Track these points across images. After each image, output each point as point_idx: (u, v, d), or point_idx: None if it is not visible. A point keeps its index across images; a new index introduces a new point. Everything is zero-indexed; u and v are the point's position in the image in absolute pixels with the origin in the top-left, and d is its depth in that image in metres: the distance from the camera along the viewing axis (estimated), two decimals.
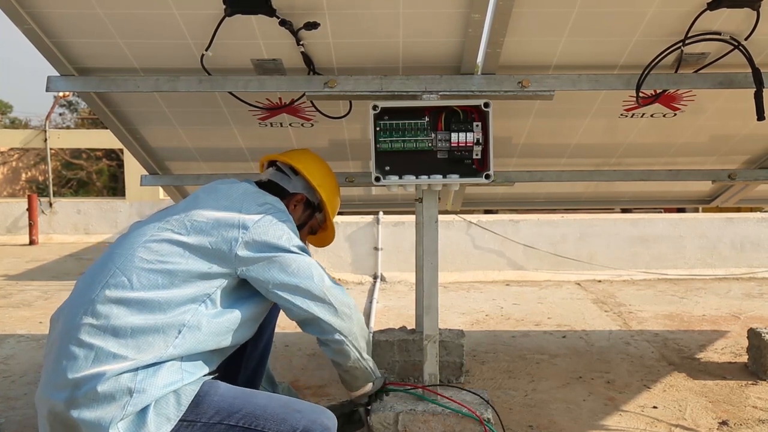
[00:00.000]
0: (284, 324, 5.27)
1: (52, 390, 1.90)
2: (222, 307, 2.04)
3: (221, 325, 2.03)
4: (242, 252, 2.04)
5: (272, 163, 2.54)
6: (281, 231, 2.11)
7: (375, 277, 6.96)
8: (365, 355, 2.30)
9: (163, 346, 1.91)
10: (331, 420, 2.06)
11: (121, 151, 15.53)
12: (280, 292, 2.10)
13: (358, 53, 2.61)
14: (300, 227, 2.41)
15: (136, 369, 1.87)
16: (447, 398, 2.51)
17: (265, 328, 2.53)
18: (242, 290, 2.11)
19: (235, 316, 2.07)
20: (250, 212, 2.10)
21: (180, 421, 1.91)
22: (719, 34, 2.48)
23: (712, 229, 7.22)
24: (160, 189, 11.45)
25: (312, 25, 2.38)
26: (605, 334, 4.65)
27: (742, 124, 3.24)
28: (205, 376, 2.02)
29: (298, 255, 2.12)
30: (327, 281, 2.17)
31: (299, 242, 2.16)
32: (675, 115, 3.12)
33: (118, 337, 1.89)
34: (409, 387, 2.65)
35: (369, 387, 2.39)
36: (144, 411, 1.86)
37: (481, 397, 2.56)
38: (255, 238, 2.06)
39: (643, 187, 3.98)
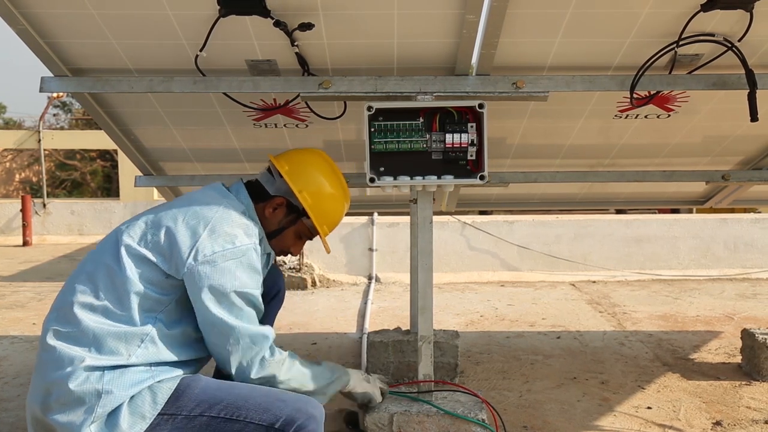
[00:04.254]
0: (278, 325, 5.26)
1: (32, 394, 1.95)
2: (178, 318, 2.03)
3: (179, 338, 2.03)
4: (187, 278, 1.99)
5: None
6: (229, 275, 1.99)
7: (370, 278, 6.96)
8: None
9: (126, 354, 1.93)
10: (318, 409, 2.01)
11: (116, 151, 15.49)
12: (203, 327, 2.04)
13: (353, 54, 2.61)
14: (278, 232, 2.29)
15: (103, 370, 1.88)
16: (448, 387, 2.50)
17: None
18: None
19: (193, 328, 2.05)
20: (210, 239, 2.01)
21: (160, 415, 1.91)
22: (713, 35, 2.49)
23: (705, 230, 7.24)
24: (155, 190, 11.43)
25: (306, 26, 2.38)
26: (599, 335, 4.66)
27: (736, 125, 3.25)
28: (183, 374, 2.03)
29: (225, 318, 1.99)
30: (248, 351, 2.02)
31: (248, 289, 2.03)
32: (669, 116, 3.13)
33: (82, 342, 1.91)
34: (403, 388, 2.65)
35: (330, 390, 2.27)
36: (116, 411, 1.87)
37: (477, 397, 2.57)
38: (200, 270, 1.98)
39: (638, 187, 3.99)
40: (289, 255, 2.43)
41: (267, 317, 2.50)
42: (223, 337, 2.00)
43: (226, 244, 2.01)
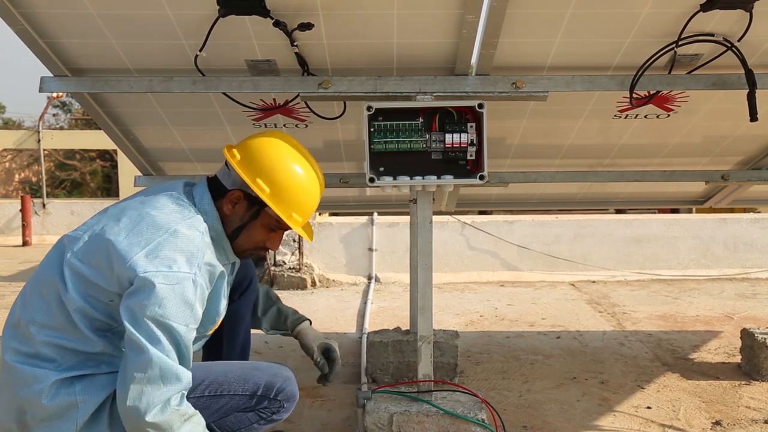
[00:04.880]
0: None
1: (3, 411, 1.89)
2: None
3: None
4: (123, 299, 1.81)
5: None
6: (154, 300, 1.75)
7: (369, 278, 6.95)
8: None
9: (92, 367, 1.87)
10: (290, 371, 2.20)
11: (115, 151, 15.48)
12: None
13: (353, 54, 2.61)
14: (242, 228, 2.05)
15: (72, 380, 1.84)
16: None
17: (237, 327, 2.45)
18: None
19: None
20: (147, 258, 1.80)
21: None
22: (712, 35, 2.49)
23: (705, 230, 7.24)
24: None
25: (306, 26, 2.38)
26: (599, 335, 4.66)
27: (735, 125, 3.25)
28: None
29: (145, 344, 1.74)
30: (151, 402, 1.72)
31: (172, 321, 1.77)
32: (668, 116, 3.13)
33: (44, 359, 1.84)
34: (402, 387, 2.65)
35: None
36: (98, 415, 1.85)
37: (476, 397, 2.57)
38: (130, 287, 1.78)
39: (637, 187, 3.99)
40: (269, 250, 2.20)
41: (240, 312, 2.44)
42: (135, 359, 1.74)
43: (161, 267, 1.79)
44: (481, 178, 2.49)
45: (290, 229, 2.11)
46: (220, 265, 1.98)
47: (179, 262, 1.82)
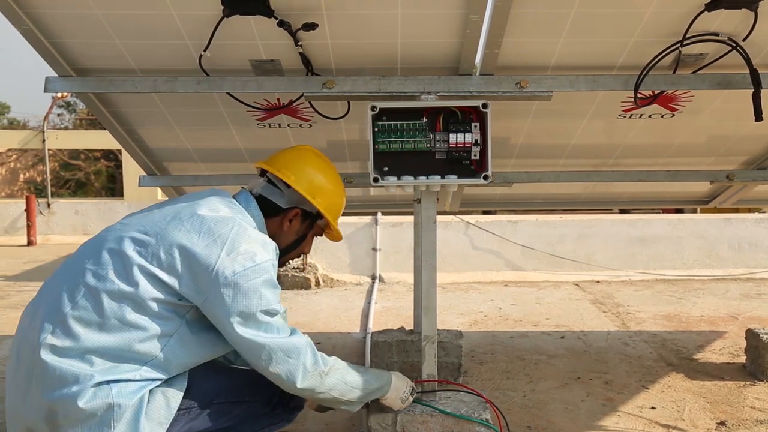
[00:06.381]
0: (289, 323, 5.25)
1: (27, 409, 1.87)
2: (189, 340, 1.98)
3: (189, 356, 1.99)
4: (209, 302, 1.93)
5: (264, 171, 2.33)
6: (254, 295, 1.96)
7: (373, 278, 6.96)
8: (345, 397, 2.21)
9: (131, 373, 1.88)
10: None
11: (120, 151, 15.54)
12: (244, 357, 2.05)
13: (357, 54, 2.61)
14: (300, 240, 2.33)
15: (110, 384, 1.84)
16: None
17: None
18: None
19: (203, 348, 2.02)
20: (230, 258, 1.94)
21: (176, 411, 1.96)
22: (717, 34, 2.48)
23: (710, 230, 7.23)
24: (159, 190, 11.45)
25: (310, 26, 2.38)
26: (603, 335, 4.65)
27: (740, 125, 3.24)
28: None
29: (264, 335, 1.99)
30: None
31: (274, 306, 2.01)
32: (673, 115, 3.12)
33: (84, 359, 1.84)
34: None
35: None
36: (136, 416, 1.86)
37: (480, 397, 2.56)
38: (223, 293, 1.92)
39: (642, 187, 3.99)
40: (302, 255, 2.48)
41: None
42: (255, 354, 1.98)
43: (247, 263, 1.96)
44: (486, 178, 2.48)
45: (323, 235, 2.44)
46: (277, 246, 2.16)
47: (259, 253, 2.00)
